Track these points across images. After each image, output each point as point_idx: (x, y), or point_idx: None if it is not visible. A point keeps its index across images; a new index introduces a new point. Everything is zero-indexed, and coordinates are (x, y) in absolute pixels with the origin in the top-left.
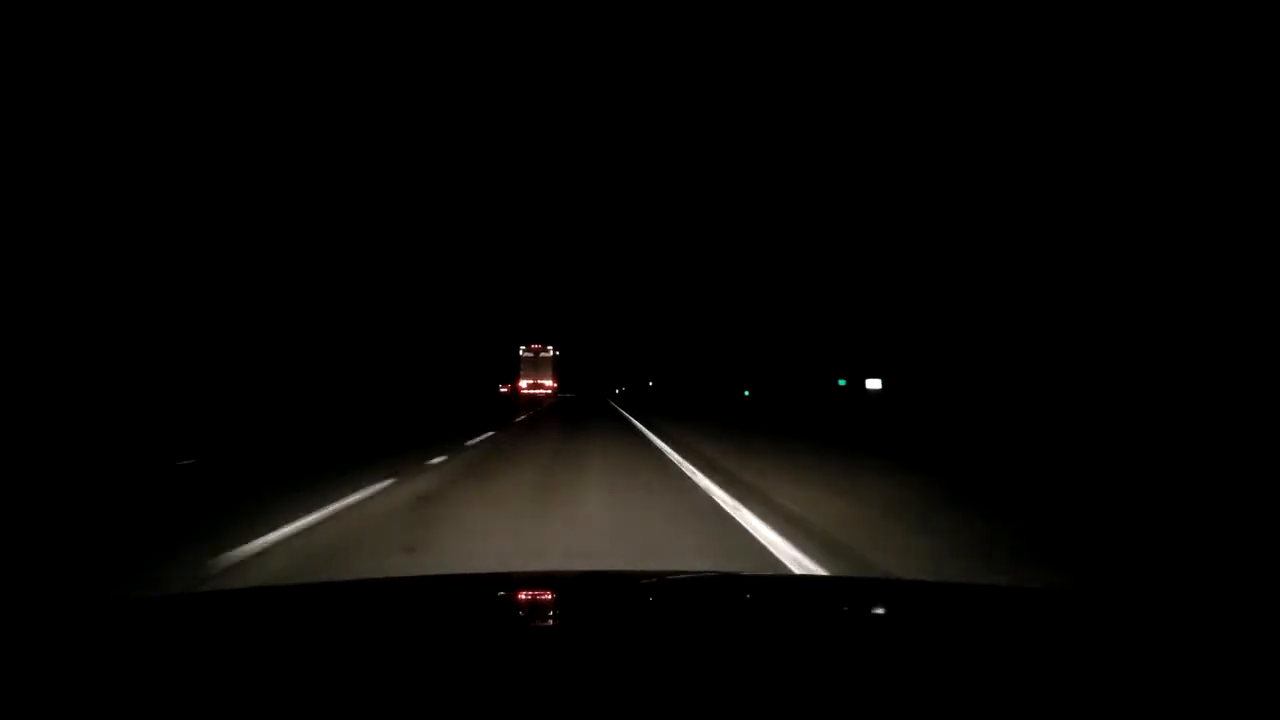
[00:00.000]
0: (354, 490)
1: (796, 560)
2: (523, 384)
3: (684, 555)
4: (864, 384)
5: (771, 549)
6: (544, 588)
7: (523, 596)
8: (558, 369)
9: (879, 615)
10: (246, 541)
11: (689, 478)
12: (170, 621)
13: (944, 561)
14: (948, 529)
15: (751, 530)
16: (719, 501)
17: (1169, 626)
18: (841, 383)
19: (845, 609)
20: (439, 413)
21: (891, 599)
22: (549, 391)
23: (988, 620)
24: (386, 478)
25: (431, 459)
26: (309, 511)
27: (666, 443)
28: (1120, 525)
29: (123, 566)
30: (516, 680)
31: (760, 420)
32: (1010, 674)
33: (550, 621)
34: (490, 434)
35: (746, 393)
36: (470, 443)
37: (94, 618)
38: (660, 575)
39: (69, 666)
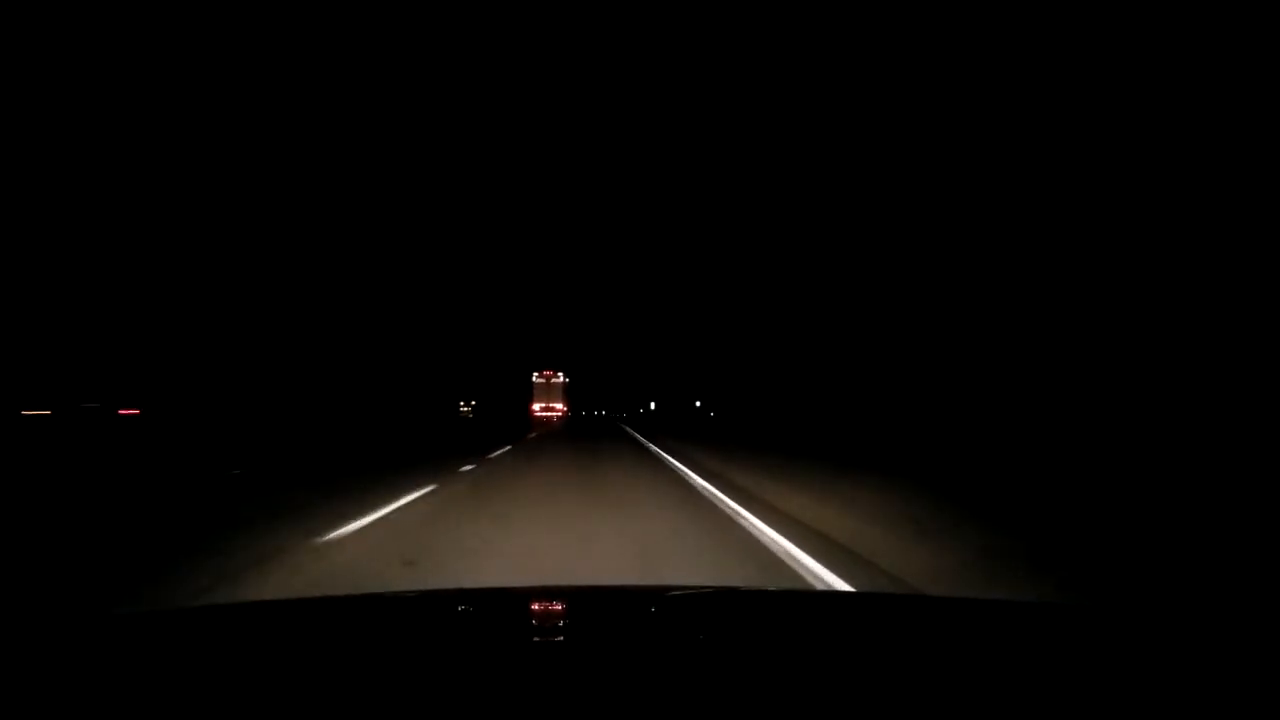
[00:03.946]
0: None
1: None
2: (535, 407)
3: None
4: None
5: None
6: (549, 603)
7: (527, 613)
8: (568, 394)
9: (879, 630)
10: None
11: None
12: (174, 635)
13: None
14: None
15: None
16: None
17: (1190, 641)
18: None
19: (845, 624)
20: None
21: (893, 614)
22: (560, 414)
23: (987, 633)
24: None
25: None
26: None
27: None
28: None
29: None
30: (523, 697)
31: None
32: (1010, 687)
33: (555, 638)
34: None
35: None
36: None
37: (97, 633)
38: (663, 590)
39: (69, 682)
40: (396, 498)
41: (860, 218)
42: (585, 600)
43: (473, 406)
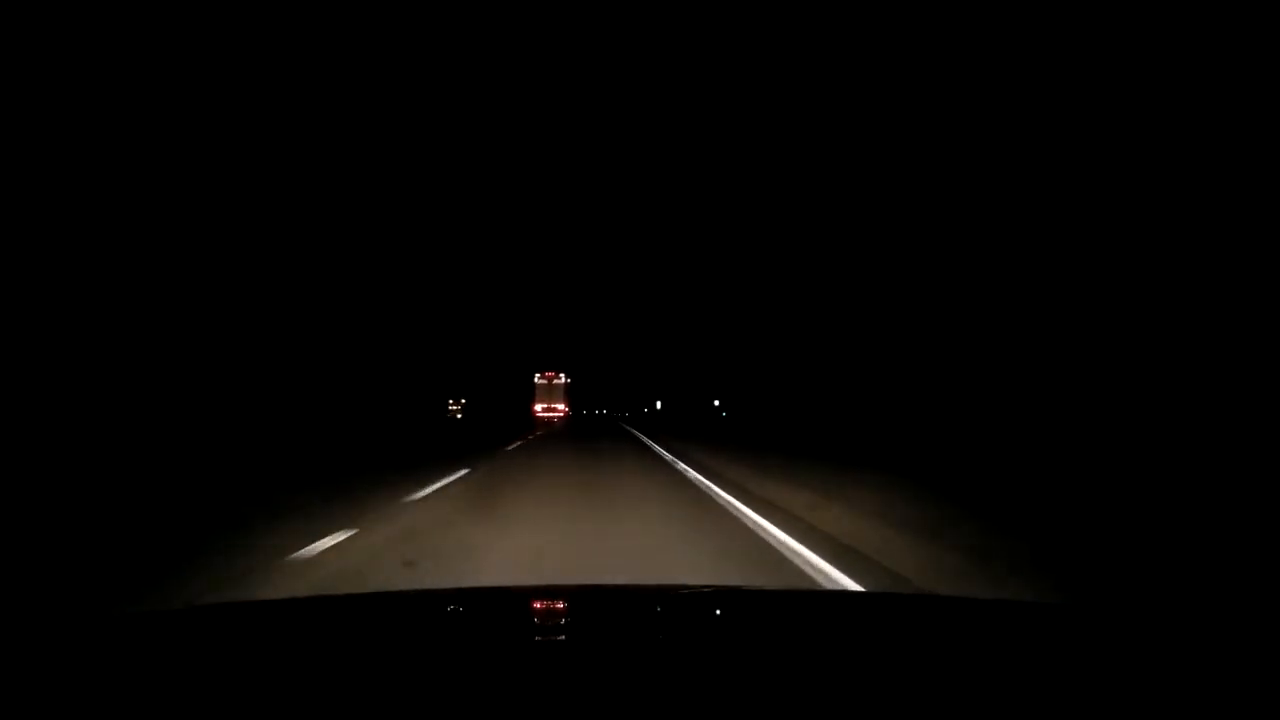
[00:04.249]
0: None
1: None
2: (538, 408)
3: None
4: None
5: None
6: (552, 602)
7: (530, 612)
8: (569, 394)
9: (882, 630)
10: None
11: None
12: (174, 635)
13: None
14: None
15: None
16: None
17: (1206, 645)
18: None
19: (848, 623)
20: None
21: (896, 613)
22: (562, 414)
23: (992, 633)
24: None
25: None
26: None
27: None
28: None
29: None
30: (525, 696)
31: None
32: (1014, 687)
33: (558, 637)
34: None
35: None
36: None
37: (101, 632)
38: (666, 590)
39: (74, 681)
40: None
41: (875, 213)
42: (589, 600)
43: (462, 405)
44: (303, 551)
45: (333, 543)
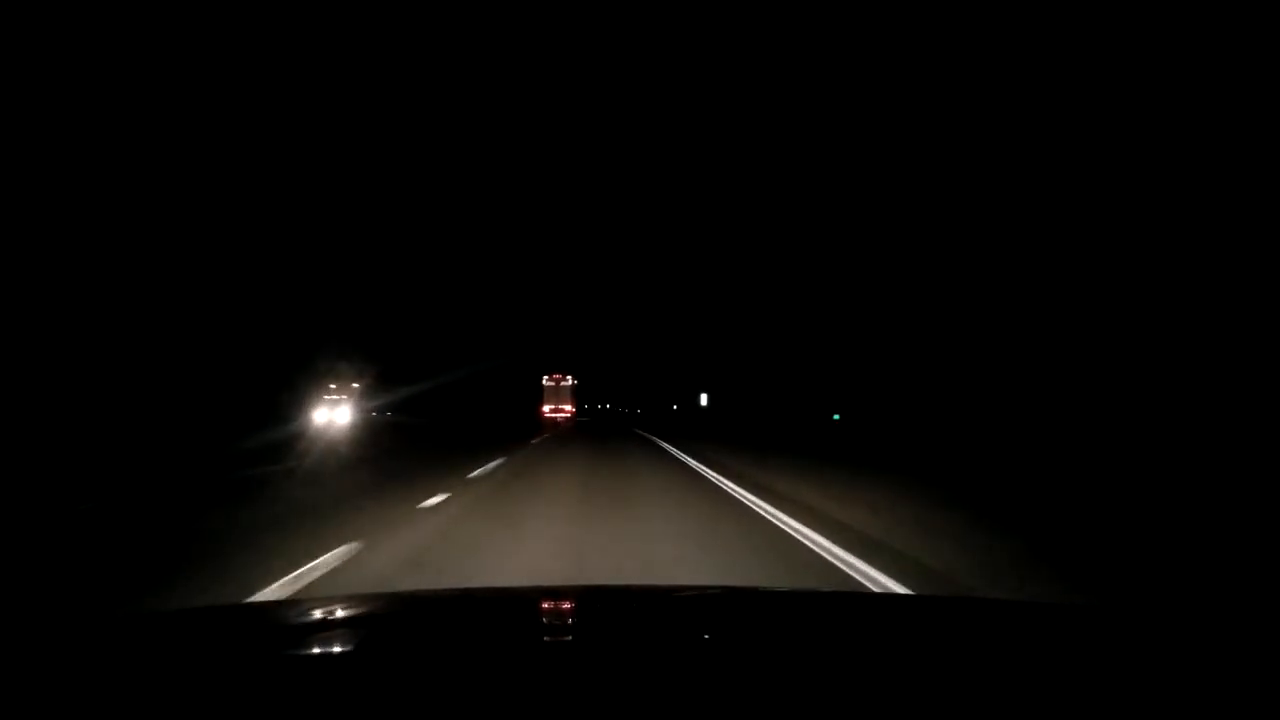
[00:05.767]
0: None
1: None
2: (545, 409)
3: None
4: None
5: None
6: (556, 602)
7: (533, 613)
8: (576, 395)
9: (882, 630)
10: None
11: None
12: (174, 635)
13: None
14: None
15: None
16: None
17: (1198, 641)
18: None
19: (849, 624)
20: None
21: (897, 614)
22: (568, 415)
23: (992, 633)
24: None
25: None
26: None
27: None
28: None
29: None
30: (528, 696)
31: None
32: (1012, 688)
33: (562, 637)
34: None
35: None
36: None
37: (102, 632)
38: (670, 590)
39: (82, 681)
40: None
41: (901, 209)
42: (593, 600)
43: (355, 390)
44: None
45: None
